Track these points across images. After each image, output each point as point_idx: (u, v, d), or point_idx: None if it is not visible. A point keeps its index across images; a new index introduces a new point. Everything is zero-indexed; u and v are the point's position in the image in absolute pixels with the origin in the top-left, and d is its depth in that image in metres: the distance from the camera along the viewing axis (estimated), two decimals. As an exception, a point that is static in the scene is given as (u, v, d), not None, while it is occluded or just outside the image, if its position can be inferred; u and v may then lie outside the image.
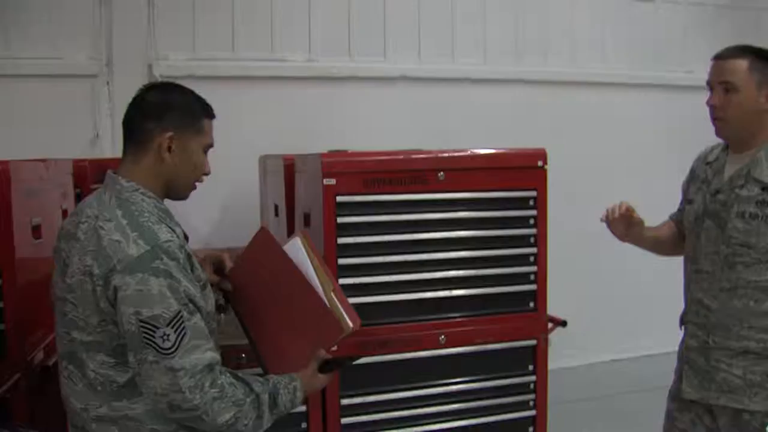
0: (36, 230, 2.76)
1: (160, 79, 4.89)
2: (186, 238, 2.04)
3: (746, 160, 2.51)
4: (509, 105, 5.76)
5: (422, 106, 5.50)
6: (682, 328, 2.72)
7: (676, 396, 2.73)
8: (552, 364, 3.15)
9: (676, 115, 6.03)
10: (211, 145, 2.11)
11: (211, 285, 2.18)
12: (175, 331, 1.84)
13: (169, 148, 2.00)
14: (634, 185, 5.99)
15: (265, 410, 1.99)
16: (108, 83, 4.84)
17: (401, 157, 2.92)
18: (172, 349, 1.84)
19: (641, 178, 5.97)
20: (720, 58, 2.52)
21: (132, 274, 1.83)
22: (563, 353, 5.05)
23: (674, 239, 2.82)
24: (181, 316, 1.86)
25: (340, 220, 2.82)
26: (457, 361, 2.98)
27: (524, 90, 5.86)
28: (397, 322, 2.88)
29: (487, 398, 3.04)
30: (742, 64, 2.45)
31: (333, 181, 2.81)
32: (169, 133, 1.99)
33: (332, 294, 2.19)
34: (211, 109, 2.12)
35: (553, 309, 3.12)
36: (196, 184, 2.12)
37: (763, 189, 2.44)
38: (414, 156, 2.94)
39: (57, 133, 4.57)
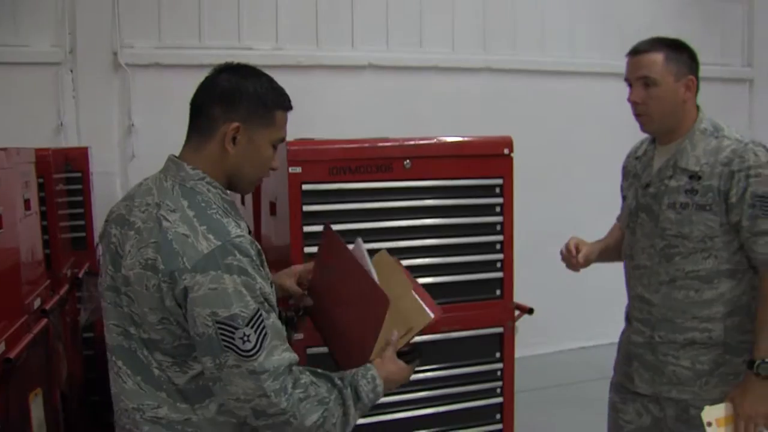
0: (-4, 220, 2.71)
1: (125, 68, 4.87)
2: (250, 232, 1.89)
3: (673, 150, 2.52)
4: (478, 93, 5.77)
5: (390, 94, 5.49)
6: (626, 323, 2.74)
7: (619, 388, 2.74)
8: (520, 351, 3.16)
9: (643, 104, 6.08)
10: (282, 139, 1.95)
11: (290, 299, 2.17)
12: (255, 331, 1.71)
13: (234, 140, 1.85)
14: (601, 174, 6.03)
15: (350, 405, 1.87)
16: (72, 71, 4.78)
17: (367, 145, 2.89)
18: (254, 351, 1.70)
19: (608, 167, 6.00)
20: (635, 53, 2.51)
21: (204, 273, 1.69)
22: (531, 341, 5.09)
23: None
24: (260, 315, 1.72)
25: (306, 208, 2.78)
26: (424, 348, 2.95)
27: (493, 78, 5.88)
28: (364, 310, 2.85)
29: (454, 386, 3.02)
30: (658, 57, 2.45)
31: (299, 170, 2.76)
32: (235, 124, 1.84)
33: (412, 291, 2.15)
34: (288, 100, 1.95)
35: (521, 297, 3.12)
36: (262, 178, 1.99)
37: (690, 177, 2.44)
38: (380, 144, 2.91)
39: (19, 122, 4.51)
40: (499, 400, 3.09)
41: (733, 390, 2.39)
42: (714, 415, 2.37)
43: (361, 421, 2.86)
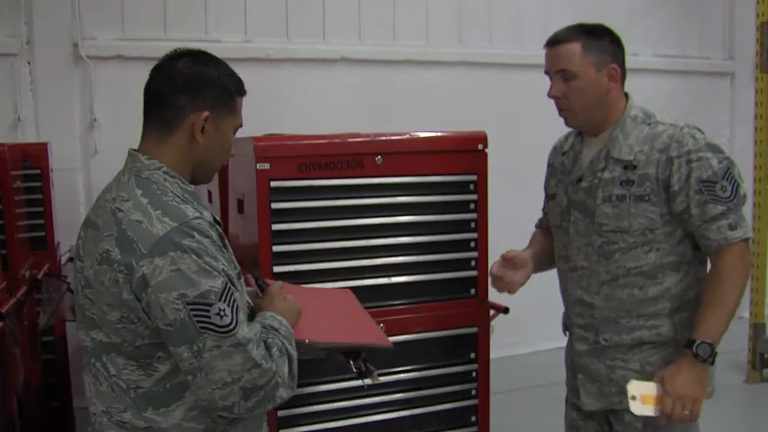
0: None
1: (86, 60, 4.73)
2: (217, 222, 1.83)
3: (603, 141, 2.40)
4: (452, 87, 5.71)
5: (363, 88, 5.43)
6: (566, 333, 2.61)
7: (574, 406, 2.60)
8: (496, 352, 3.11)
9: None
10: (240, 125, 1.94)
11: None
12: (229, 305, 1.65)
13: (202, 129, 1.81)
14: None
15: (278, 335, 1.81)
16: (29, 63, 4.64)
17: (337, 140, 2.83)
18: (232, 325, 1.64)
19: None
20: (551, 44, 2.40)
21: (162, 256, 1.62)
22: (507, 341, 5.03)
23: (552, 248, 2.67)
24: (230, 287, 1.67)
25: (274, 205, 2.72)
26: (396, 350, 2.89)
27: (468, 72, 5.81)
28: (335, 311, 2.78)
29: (429, 387, 2.97)
30: (575, 47, 2.33)
31: (267, 166, 2.70)
32: (206, 114, 1.80)
33: None
34: (243, 85, 1.93)
35: (497, 296, 3.05)
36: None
37: (625, 168, 2.32)
38: (351, 139, 2.86)
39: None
40: (474, 402, 3.05)
41: (664, 369, 2.26)
42: (640, 390, 2.24)
43: (334, 425, 2.83)
